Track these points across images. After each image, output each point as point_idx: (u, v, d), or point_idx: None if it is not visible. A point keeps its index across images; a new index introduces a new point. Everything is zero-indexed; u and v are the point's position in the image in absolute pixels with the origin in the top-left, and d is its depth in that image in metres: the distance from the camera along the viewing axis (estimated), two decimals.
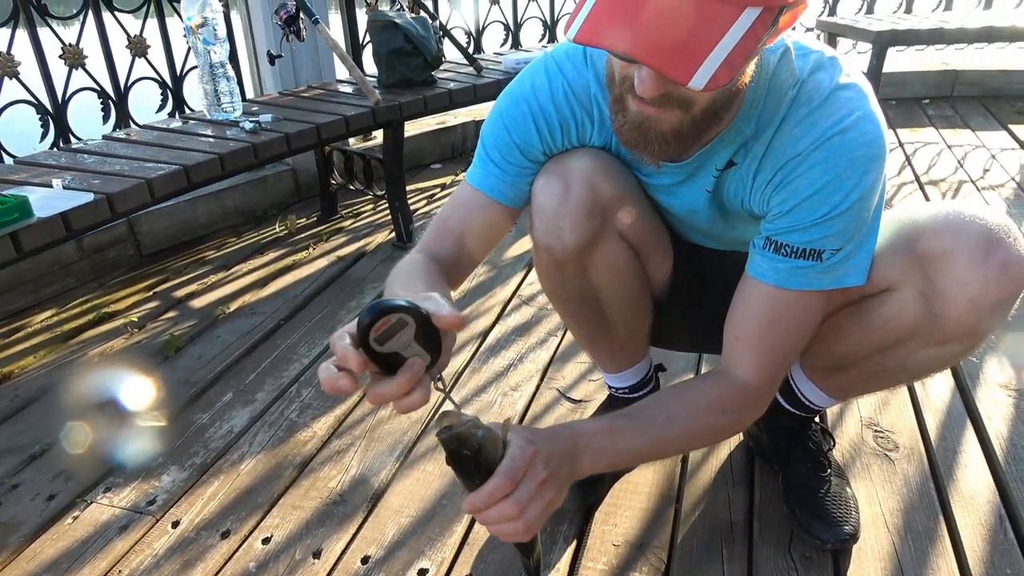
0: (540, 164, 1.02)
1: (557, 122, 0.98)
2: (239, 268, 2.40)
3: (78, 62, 2.33)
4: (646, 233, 1.10)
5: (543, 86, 0.97)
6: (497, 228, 1.05)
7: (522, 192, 1.02)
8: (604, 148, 1.02)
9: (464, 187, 1.04)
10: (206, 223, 2.70)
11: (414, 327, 0.64)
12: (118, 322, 2.08)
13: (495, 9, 3.39)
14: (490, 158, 1.01)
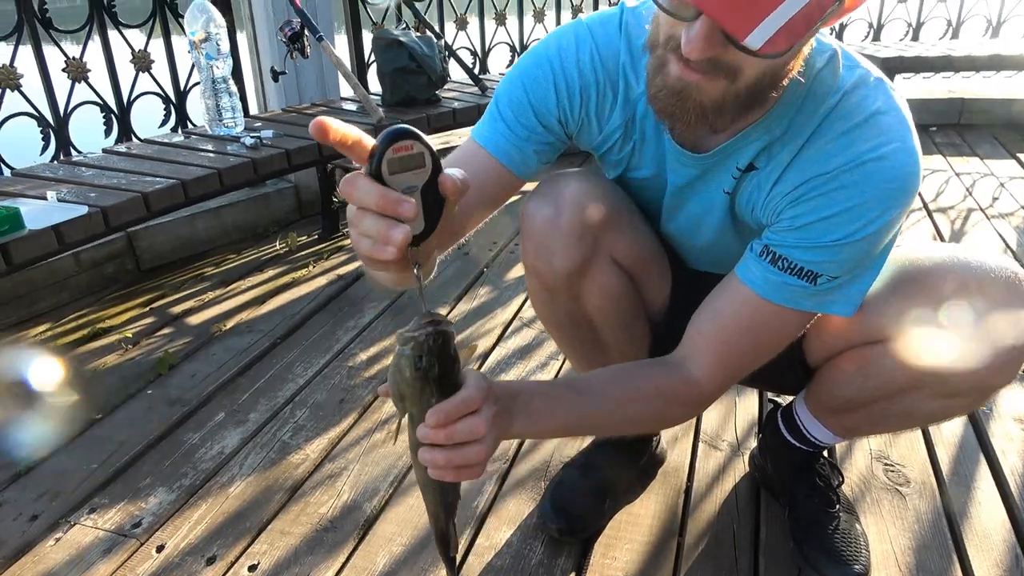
0: (551, 134, 0.96)
1: (578, 89, 0.93)
2: (237, 285, 2.36)
3: (81, 76, 2.32)
4: (641, 257, 1.07)
5: (570, 49, 0.92)
6: (494, 190, 0.97)
7: (527, 159, 0.96)
8: (623, 126, 0.95)
9: (469, 142, 0.99)
10: (206, 239, 2.68)
11: (427, 175, 0.57)
12: (112, 338, 2.04)
13: (501, 30, 3.39)
14: (501, 116, 0.95)
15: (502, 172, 0.95)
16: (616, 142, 0.97)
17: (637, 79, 0.92)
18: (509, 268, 2.40)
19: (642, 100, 0.91)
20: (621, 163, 1.00)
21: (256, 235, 2.80)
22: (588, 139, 0.99)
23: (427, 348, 0.63)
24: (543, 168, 1.00)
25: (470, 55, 3.31)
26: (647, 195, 1.05)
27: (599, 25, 0.93)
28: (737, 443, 1.50)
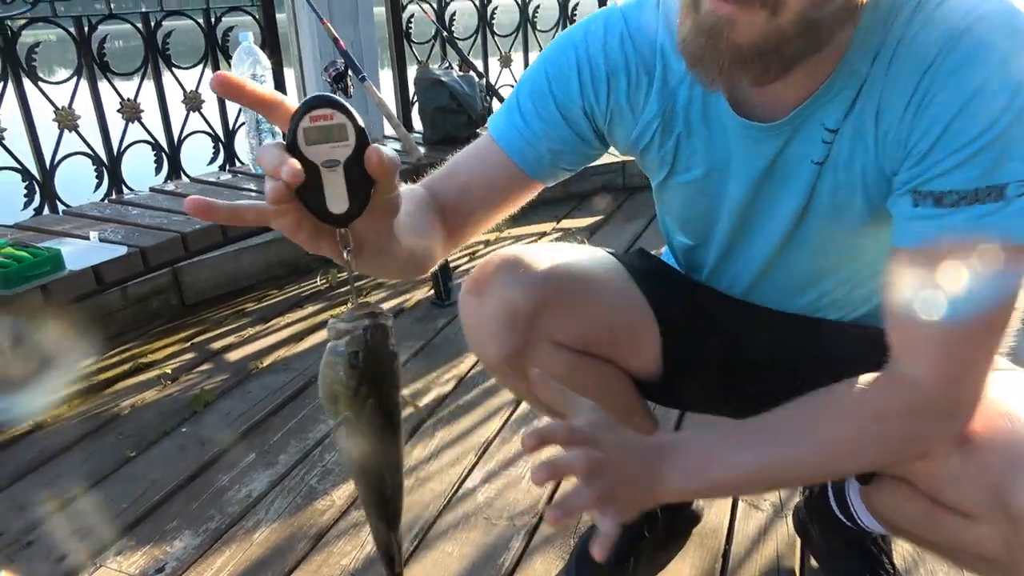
0: (572, 130, 0.85)
1: (604, 73, 0.82)
2: (277, 321, 2.38)
3: (135, 116, 2.39)
4: (603, 336, 0.93)
5: (597, 32, 0.83)
6: (504, 191, 0.88)
7: (542, 158, 0.86)
8: (661, 116, 0.83)
9: (484, 135, 0.91)
10: (249, 274, 2.71)
11: (350, 148, 0.51)
12: (153, 373, 2.07)
13: None
14: (519, 107, 0.86)
15: (513, 170, 0.87)
16: (655, 136, 0.85)
17: (678, 60, 0.78)
18: None
19: (685, 84, 0.80)
20: (664, 162, 0.87)
21: (298, 270, 2.82)
22: (623, 135, 0.87)
23: (364, 343, 0.56)
24: (564, 173, 0.90)
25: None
26: (703, 205, 0.90)
27: (633, 7, 0.83)
28: (780, 503, 1.41)
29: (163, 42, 2.41)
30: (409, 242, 0.68)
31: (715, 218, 0.91)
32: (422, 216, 0.79)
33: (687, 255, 1.03)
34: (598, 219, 3.13)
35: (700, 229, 0.95)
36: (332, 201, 0.51)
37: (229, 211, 0.51)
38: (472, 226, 0.88)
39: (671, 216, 0.99)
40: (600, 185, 3.38)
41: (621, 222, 3.10)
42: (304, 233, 0.53)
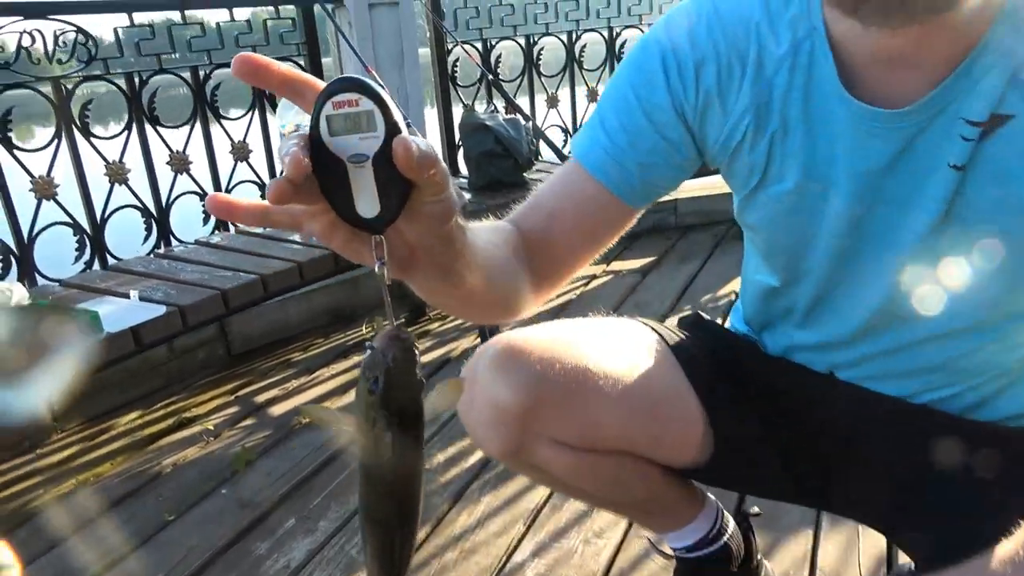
0: (663, 136, 0.74)
1: (692, 62, 0.72)
2: (321, 372, 2.34)
3: (183, 168, 2.40)
4: (614, 435, 0.81)
5: (681, 21, 0.74)
6: (594, 218, 0.78)
7: (631, 176, 0.75)
8: (754, 110, 0.71)
9: (569, 159, 0.82)
10: (296, 323, 2.68)
11: (379, 140, 0.44)
12: (196, 428, 2.04)
13: (593, 106, 3.33)
14: (602, 122, 0.77)
15: (601, 193, 0.76)
16: (746, 135, 0.73)
17: (777, 41, 0.69)
18: None
19: (784, 70, 0.69)
20: (755, 170, 0.74)
21: (345, 318, 2.79)
22: (714, 135, 0.75)
23: (383, 368, 0.47)
24: (658, 192, 0.79)
25: (561, 132, 3.26)
26: (795, 225, 0.75)
27: None
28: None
29: (211, 94, 2.43)
30: (487, 272, 0.59)
31: (810, 243, 0.75)
32: (507, 248, 0.71)
33: (767, 303, 0.87)
34: (650, 260, 3.03)
35: (789, 260, 0.79)
36: (361, 203, 0.45)
37: (255, 211, 0.46)
38: (564, 262, 0.78)
39: (755, 245, 0.84)
40: (652, 224, 3.27)
41: (674, 263, 2.99)
42: (338, 239, 0.47)
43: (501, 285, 0.66)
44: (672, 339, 0.88)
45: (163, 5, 2.38)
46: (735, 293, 2.75)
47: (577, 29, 3.22)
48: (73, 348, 1.37)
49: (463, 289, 0.56)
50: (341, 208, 0.45)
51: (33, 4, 2.07)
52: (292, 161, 0.41)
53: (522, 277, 0.72)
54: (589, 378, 0.78)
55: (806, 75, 0.68)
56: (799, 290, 0.81)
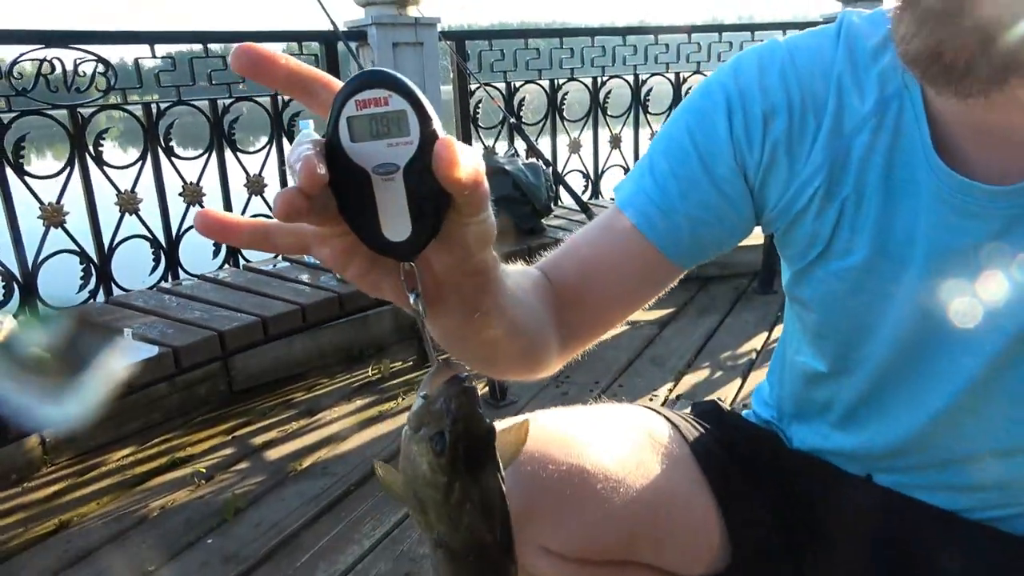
0: (718, 189, 0.66)
1: (760, 111, 0.64)
2: (323, 415, 2.26)
3: (196, 200, 2.38)
4: (614, 543, 0.70)
5: (750, 66, 0.66)
6: (633, 273, 0.69)
7: (679, 230, 0.67)
8: (827, 170, 0.63)
9: (609, 208, 0.73)
10: (302, 360, 2.62)
11: (413, 147, 0.36)
12: (188, 469, 1.96)
13: (616, 153, 3.29)
14: (651, 168, 0.68)
15: (642, 246, 0.67)
16: (813, 199, 0.64)
17: (861, 96, 0.62)
18: None
19: (866, 130, 0.62)
20: (817, 240, 0.66)
21: (351, 357, 2.72)
22: (776, 195, 0.67)
23: (452, 421, 0.38)
24: (706, 252, 0.70)
25: (582, 178, 3.21)
26: (858, 306, 0.67)
27: (802, 37, 0.67)
28: None
29: (229, 127, 2.41)
30: (514, 318, 0.52)
31: (871, 330, 0.67)
32: (535, 296, 0.63)
33: (807, 390, 0.77)
34: (668, 312, 2.94)
35: (842, 346, 0.70)
36: (389, 223, 0.37)
37: (252, 231, 0.38)
38: (596, 318, 0.70)
39: (803, 322, 0.74)
40: None
41: (693, 316, 2.90)
42: (355, 268, 0.39)
43: (527, 336, 0.58)
44: (687, 430, 0.79)
45: (186, 38, 2.38)
46: (755, 351, 2.66)
47: (602, 75, 3.19)
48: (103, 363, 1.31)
49: (486, 335, 0.49)
50: (363, 230, 0.37)
51: (56, 33, 2.06)
52: (305, 169, 0.33)
53: (549, 330, 0.64)
54: (587, 480, 0.67)
55: (891, 137, 0.61)
56: (847, 383, 0.71)
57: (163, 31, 2.35)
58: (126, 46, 2.25)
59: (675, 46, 3.34)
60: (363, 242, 0.38)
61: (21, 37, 2.01)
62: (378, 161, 0.36)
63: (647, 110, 3.31)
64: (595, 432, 0.72)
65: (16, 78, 1.99)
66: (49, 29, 2.06)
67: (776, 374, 0.85)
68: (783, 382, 0.82)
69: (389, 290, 0.40)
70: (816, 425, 0.78)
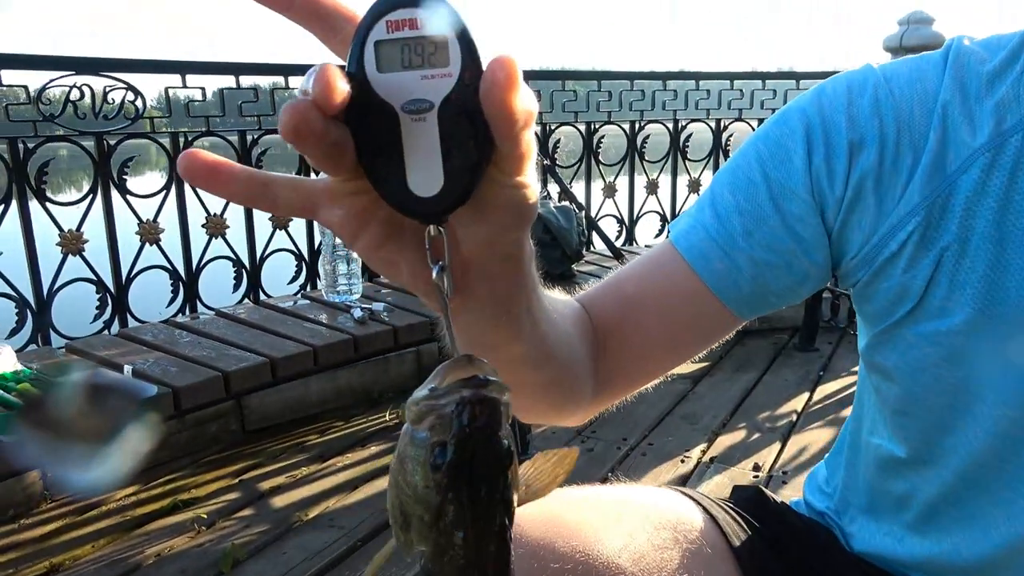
0: (788, 229, 0.56)
1: (845, 142, 0.55)
2: (334, 462, 2.16)
3: (220, 231, 2.33)
4: None
5: (837, 91, 0.57)
6: (683, 317, 0.60)
7: (739, 273, 0.57)
8: (924, 213, 0.53)
9: (663, 240, 0.64)
10: (317, 401, 2.52)
11: (452, 80, 0.29)
12: (190, 514, 1.87)
13: (652, 199, 3.19)
14: (713, 200, 0.59)
15: (697, 289, 0.58)
16: (904, 246, 0.55)
17: (971, 129, 0.53)
18: (640, 475, 2.03)
19: (976, 167, 0.52)
20: (907, 295, 0.56)
21: (369, 400, 2.62)
22: (859, 239, 0.57)
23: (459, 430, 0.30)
24: (769, 303, 0.60)
25: (616, 223, 3.11)
26: (954, 379, 0.56)
27: (902, 62, 0.57)
28: None
29: (257, 159, 2.37)
30: (549, 338, 0.46)
31: (966, 411, 0.56)
32: (572, 324, 0.55)
33: (880, 478, 0.65)
34: (703, 366, 2.80)
35: (929, 429, 0.59)
36: (416, 174, 0.31)
37: (251, 180, 0.32)
38: (635, 365, 0.61)
39: (882, 396, 0.63)
40: None
41: (729, 371, 2.76)
42: (369, 236, 0.33)
43: (557, 366, 0.50)
44: (724, 521, 0.67)
45: (218, 69, 2.36)
46: (796, 413, 2.50)
47: (640, 119, 3.11)
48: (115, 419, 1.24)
49: (512, 349, 0.41)
50: (385, 181, 0.31)
51: (87, 60, 2.05)
52: (323, 80, 0.27)
53: (583, 368, 0.55)
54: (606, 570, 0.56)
55: (1008, 178, 0.52)
56: (930, 475, 0.60)
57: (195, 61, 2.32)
58: (157, 75, 2.23)
59: (716, 92, 3.26)
60: (383, 197, 0.31)
61: (51, 63, 2.00)
62: (409, 96, 0.30)
63: (686, 156, 3.21)
64: (612, 522, 0.61)
65: (44, 104, 1.97)
66: (80, 56, 2.04)
67: (843, 456, 0.73)
68: (854, 468, 0.69)
69: (406, 269, 0.34)
70: (888, 524, 0.65)
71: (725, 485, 1.98)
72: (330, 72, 0.27)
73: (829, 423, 2.35)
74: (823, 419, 2.38)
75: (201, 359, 1.60)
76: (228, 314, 2.02)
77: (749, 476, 2.03)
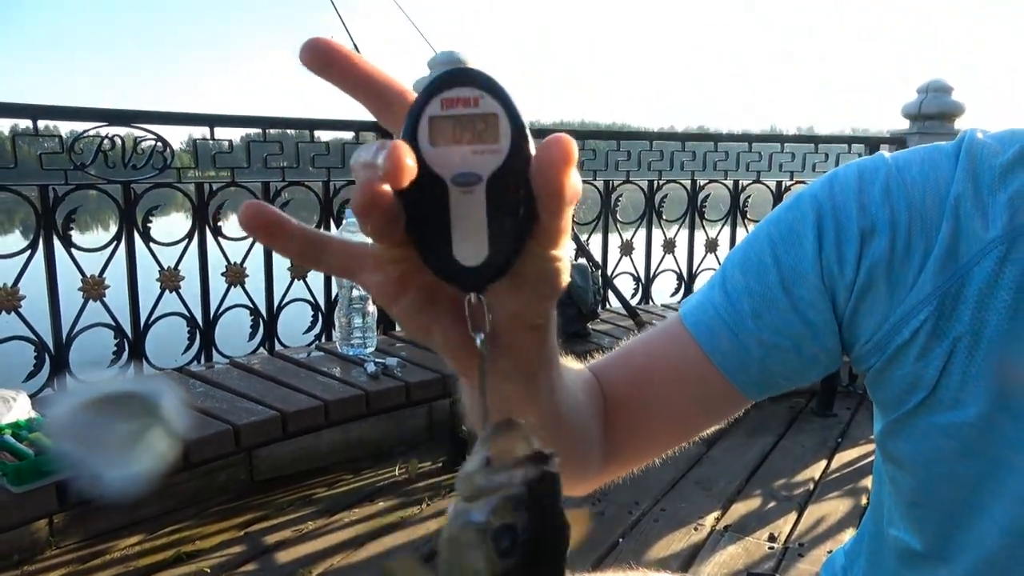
0: (798, 314, 0.57)
1: (856, 229, 0.55)
2: (342, 516, 2.13)
3: (238, 280, 2.35)
4: None
5: (849, 178, 0.57)
6: (691, 394, 0.60)
7: (748, 355, 0.58)
8: (936, 303, 0.53)
9: (674, 315, 0.64)
10: (327, 453, 2.51)
11: (502, 155, 0.31)
12: (193, 567, 1.85)
13: (669, 257, 3.19)
14: (723, 280, 0.60)
15: (705, 369, 0.58)
16: (916, 335, 0.54)
17: (984, 221, 0.53)
18: (652, 542, 1.98)
19: (990, 259, 0.52)
20: (919, 385, 0.55)
21: (379, 454, 2.60)
22: (870, 326, 0.57)
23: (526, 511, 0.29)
24: (776, 385, 0.60)
25: (632, 280, 3.11)
26: (967, 474, 0.55)
27: (914, 151, 0.58)
28: None
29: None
30: (564, 405, 0.47)
31: (983, 506, 0.55)
32: (584, 391, 0.56)
33: (897, 571, 0.64)
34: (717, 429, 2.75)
35: (944, 523, 0.58)
36: (462, 244, 0.32)
37: (308, 240, 0.33)
38: (643, 438, 0.61)
39: (897, 487, 0.62)
40: None
41: (744, 436, 2.71)
42: (407, 301, 0.34)
43: (568, 433, 0.50)
44: None
45: (249, 122, 2.42)
46: (813, 481, 2.45)
47: (659, 178, 3.13)
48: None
49: (529, 416, 0.39)
50: (432, 250, 0.32)
51: (118, 111, 2.11)
52: (394, 157, 0.28)
53: (594, 436, 0.56)
54: None
55: (1021, 271, 0.52)
56: (946, 571, 0.58)
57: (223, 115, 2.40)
58: (186, 127, 2.29)
59: (735, 154, 3.28)
60: (429, 265, 0.32)
61: (86, 115, 2.06)
62: (459, 170, 0.31)
63: (703, 216, 3.22)
64: None
65: (77, 153, 2.03)
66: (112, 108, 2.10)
67: (863, 545, 0.71)
68: (875, 560, 0.67)
69: (439, 336, 0.35)
70: None
71: (739, 556, 1.93)
72: (402, 150, 0.28)
73: (848, 493, 2.29)
74: (841, 488, 2.32)
75: (213, 411, 1.59)
76: (242, 364, 2.03)
77: (764, 547, 1.97)
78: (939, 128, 3.27)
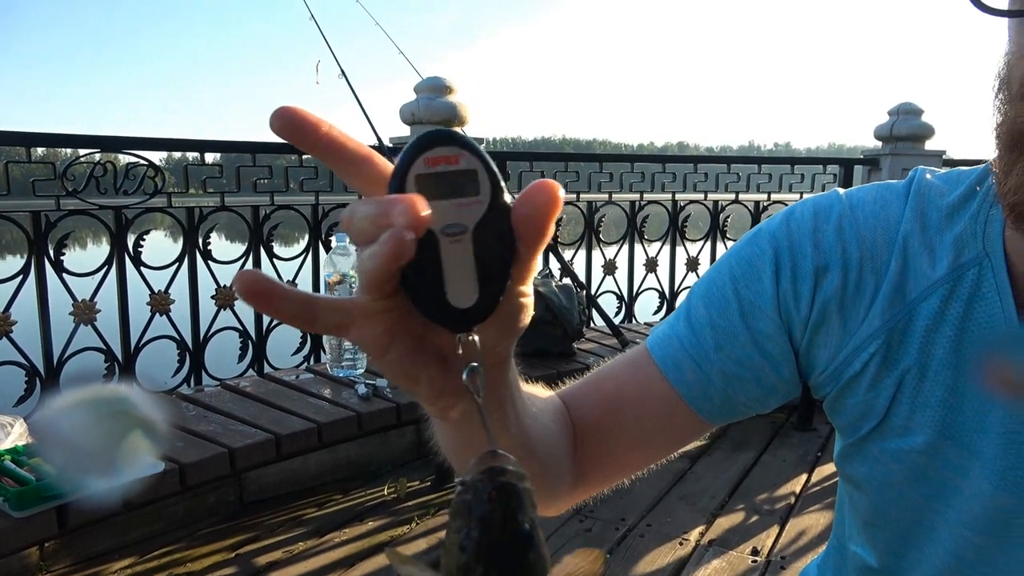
0: (756, 346, 0.60)
1: (811, 266, 0.59)
2: (332, 537, 2.15)
3: (229, 303, 2.38)
4: None
5: (804, 217, 0.61)
6: (657, 420, 0.63)
7: (710, 385, 0.61)
8: (884, 338, 0.57)
9: (637, 347, 0.68)
10: (316, 474, 2.52)
11: (483, 207, 0.34)
12: None
13: (651, 276, 3.26)
14: (688, 313, 0.64)
15: (670, 397, 0.62)
16: (867, 366, 0.58)
17: (931, 260, 0.56)
18: (638, 558, 2.02)
19: (935, 297, 0.56)
20: (871, 414, 0.59)
21: (368, 473, 2.62)
22: (825, 358, 0.61)
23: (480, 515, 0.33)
24: (738, 412, 0.64)
25: (616, 299, 3.17)
26: (918, 496, 0.59)
27: (867, 189, 0.62)
28: None
29: (268, 234, 2.44)
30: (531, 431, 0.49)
31: (931, 527, 0.59)
32: (552, 418, 0.58)
33: None
34: (700, 445, 2.81)
35: (896, 540, 0.62)
36: (455, 289, 0.34)
37: (303, 305, 0.34)
38: (611, 461, 0.64)
39: (855, 506, 0.66)
40: None
41: (727, 451, 2.77)
42: (397, 351, 0.35)
43: (537, 458, 0.53)
44: None
45: (239, 147, 2.45)
46: (794, 495, 2.50)
47: (640, 199, 3.20)
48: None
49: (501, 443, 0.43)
50: (427, 297, 0.34)
51: (111, 138, 2.14)
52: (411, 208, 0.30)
53: (564, 460, 0.59)
54: None
55: (964, 308, 0.55)
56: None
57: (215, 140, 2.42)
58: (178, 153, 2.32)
59: (714, 175, 3.36)
60: (423, 310, 0.34)
61: (79, 142, 2.09)
62: (446, 222, 0.34)
63: (684, 235, 3.30)
64: None
65: (69, 180, 2.05)
66: (106, 135, 2.13)
67: (831, 557, 0.75)
68: (840, 573, 0.72)
69: (425, 382, 0.36)
70: None
71: (723, 570, 1.97)
72: (419, 202, 0.31)
73: (827, 506, 2.34)
74: (821, 502, 2.38)
75: (207, 434, 1.62)
76: (234, 387, 2.05)
77: (748, 561, 2.02)
78: (910, 149, 3.38)
